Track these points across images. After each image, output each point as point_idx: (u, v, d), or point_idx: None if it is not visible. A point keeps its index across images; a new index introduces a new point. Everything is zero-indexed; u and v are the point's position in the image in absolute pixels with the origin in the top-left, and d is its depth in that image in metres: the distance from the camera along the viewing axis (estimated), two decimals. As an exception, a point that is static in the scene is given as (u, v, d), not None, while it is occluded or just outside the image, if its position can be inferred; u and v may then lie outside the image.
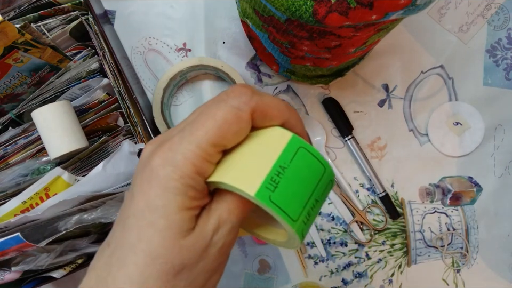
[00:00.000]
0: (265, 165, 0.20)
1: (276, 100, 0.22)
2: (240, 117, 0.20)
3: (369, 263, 0.53)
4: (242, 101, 0.21)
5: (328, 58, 0.43)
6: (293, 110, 0.23)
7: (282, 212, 0.20)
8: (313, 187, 0.21)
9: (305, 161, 0.21)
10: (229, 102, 0.20)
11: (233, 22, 0.52)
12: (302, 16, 0.33)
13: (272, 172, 0.20)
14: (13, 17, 0.42)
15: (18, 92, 0.44)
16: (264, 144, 0.21)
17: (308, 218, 0.21)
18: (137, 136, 0.44)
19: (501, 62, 0.54)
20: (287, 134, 0.21)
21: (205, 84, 0.52)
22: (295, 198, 0.20)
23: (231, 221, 0.21)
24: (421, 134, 0.54)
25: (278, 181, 0.20)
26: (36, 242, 0.35)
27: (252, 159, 0.21)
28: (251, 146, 0.21)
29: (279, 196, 0.20)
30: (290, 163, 0.21)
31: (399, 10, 0.31)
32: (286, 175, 0.20)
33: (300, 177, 0.21)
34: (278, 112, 0.22)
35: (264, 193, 0.19)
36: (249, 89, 0.21)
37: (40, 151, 0.44)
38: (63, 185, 0.41)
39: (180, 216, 0.20)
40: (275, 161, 0.20)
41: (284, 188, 0.20)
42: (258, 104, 0.21)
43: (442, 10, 0.55)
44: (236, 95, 0.21)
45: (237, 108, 0.20)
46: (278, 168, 0.20)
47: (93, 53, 0.44)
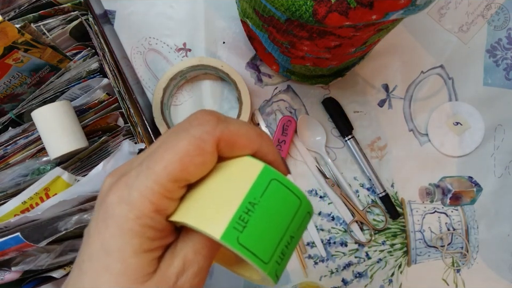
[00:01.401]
0: (232, 201, 0.18)
1: (244, 126, 0.20)
2: (203, 148, 0.18)
3: (369, 263, 0.53)
4: (205, 131, 0.18)
5: (328, 58, 0.43)
6: (264, 136, 0.21)
7: (252, 254, 0.18)
8: (287, 223, 0.19)
9: (278, 195, 0.19)
10: (190, 132, 0.18)
11: (233, 22, 0.52)
12: (302, 16, 0.33)
13: (240, 210, 0.18)
14: (13, 17, 0.42)
15: (18, 92, 0.44)
16: (232, 177, 0.19)
17: (282, 258, 0.19)
18: (137, 136, 0.44)
19: (501, 62, 0.54)
20: (258, 164, 0.19)
21: (205, 84, 0.52)
22: (267, 237, 0.18)
23: (197, 262, 0.19)
24: (421, 134, 0.54)
25: (247, 219, 0.18)
26: (35, 242, 0.35)
27: (218, 195, 0.19)
28: (218, 179, 0.19)
29: (248, 236, 0.18)
30: (261, 198, 0.18)
31: (399, 10, 0.31)
32: (257, 212, 0.18)
33: (272, 214, 0.19)
34: (247, 141, 0.20)
35: (231, 235, 0.17)
36: (213, 116, 0.19)
37: (40, 151, 0.44)
38: (63, 185, 0.41)
39: (137, 260, 0.18)
40: (244, 197, 0.18)
41: (254, 227, 0.18)
42: (224, 133, 0.19)
43: (442, 10, 0.55)
44: (199, 123, 0.19)
45: (199, 138, 0.18)
46: (247, 204, 0.18)
47: (93, 53, 0.44)
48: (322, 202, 0.53)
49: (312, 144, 0.53)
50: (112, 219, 0.18)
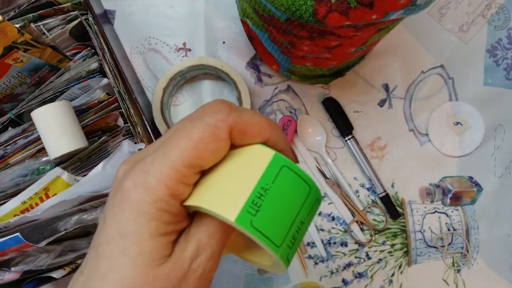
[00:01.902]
0: (245, 187, 0.19)
1: (256, 115, 0.21)
2: (217, 135, 0.19)
3: (369, 263, 0.53)
4: (219, 118, 0.19)
5: (328, 58, 0.43)
6: (275, 125, 0.22)
7: (265, 237, 0.18)
8: (298, 208, 0.20)
9: (289, 181, 0.20)
10: (205, 120, 0.19)
11: (233, 21, 0.52)
12: (302, 16, 0.33)
13: (253, 195, 0.19)
14: (12, 17, 0.42)
15: (18, 92, 0.44)
16: (244, 163, 0.20)
17: (293, 242, 0.20)
18: (137, 136, 0.44)
19: (501, 61, 0.54)
20: (269, 152, 0.20)
21: (204, 84, 0.52)
22: (279, 221, 0.19)
23: (211, 246, 0.20)
24: (421, 134, 0.54)
25: (260, 204, 0.18)
26: (35, 243, 0.35)
27: (231, 181, 0.19)
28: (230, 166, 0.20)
29: (261, 220, 0.18)
30: (273, 184, 0.19)
31: (399, 10, 0.31)
32: (269, 197, 0.19)
33: (283, 199, 0.19)
34: (259, 129, 0.21)
35: (245, 218, 0.18)
36: (226, 105, 0.20)
37: (40, 151, 0.44)
38: (62, 185, 0.41)
39: (153, 243, 0.18)
40: (256, 182, 0.19)
41: (266, 211, 0.19)
42: (237, 121, 0.20)
43: (443, 10, 0.54)
44: (213, 111, 0.20)
45: (214, 125, 0.19)
46: (259, 190, 0.19)
47: (93, 52, 0.44)
48: (323, 203, 0.53)
49: (312, 144, 0.53)
50: (128, 203, 0.18)
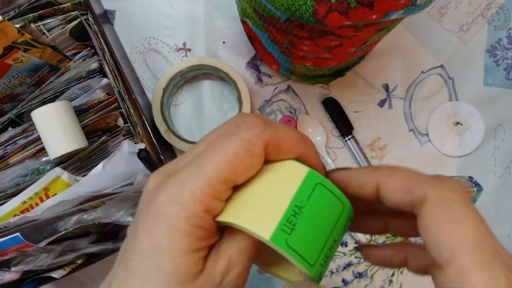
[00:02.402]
0: (280, 204, 0.19)
1: (290, 131, 0.20)
2: (252, 151, 0.19)
3: (369, 263, 0.52)
4: (254, 134, 0.19)
5: (328, 58, 0.43)
6: (307, 140, 0.21)
7: (300, 257, 0.18)
8: (331, 227, 0.19)
9: (323, 199, 0.19)
10: (240, 135, 0.19)
11: (233, 21, 0.52)
12: (302, 16, 0.33)
13: (288, 212, 0.18)
14: (12, 17, 0.42)
15: (18, 92, 0.44)
16: (278, 179, 0.20)
17: (326, 261, 0.19)
18: (137, 136, 0.44)
19: (501, 62, 0.54)
20: (303, 168, 0.20)
21: (204, 84, 0.52)
22: (313, 240, 0.19)
23: (242, 262, 0.19)
24: (421, 134, 0.54)
25: (295, 222, 0.18)
26: (35, 243, 0.35)
27: (265, 197, 0.19)
28: (264, 182, 0.20)
29: (296, 239, 0.18)
30: (307, 202, 0.19)
31: (399, 10, 0.31)
32: (303, 215, 0.19)
33: (317, 217, 0.19)
34: (293, 145, 0.20)
35: (280, 236, 0.18)
36: (261, 119, 0.20)
37: (40, 151, 0.44)
38: (62, 185, 0.41)
39: (186, 260, 0.18)
40: (291, 200, 0.19)
41: (301, 230, 0.18)
42: (272, 136, 0.19)
43: (443, 10, 0.54)
44: (248, 126, 0.19)
45: (249, 141, 0.19)
46: (294, 207, 0.18)
47: (93, 52, 0.44)
48: (323, 203, 0.53)
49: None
50: (162, 218, 0.18)
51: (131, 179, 0.38)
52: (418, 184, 0.19)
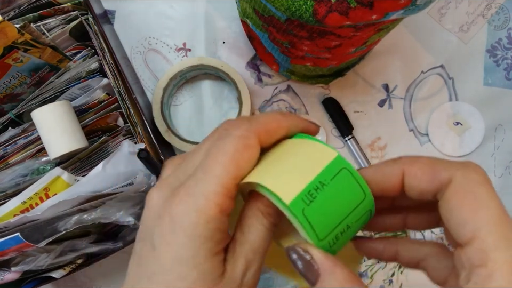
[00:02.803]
0: (305, 176, 0.19)
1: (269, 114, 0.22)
2: (249, 144, 0.20)
3: (369, 263, 0.53)
4: (244, 129, 0.20)
5: (328, 58, 0.43)
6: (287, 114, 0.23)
7: (311, 228, 0.19)
8: (348, 211, 0.20)
9: (346, 184, 0.20)
10: (233, 134, 0.20)
11: (233, 21, 0.52)
12: (302, 16, 0.33)
13: (311, 185, 0.19)
14: (12, 17, 0.42)
15: (18, 92, 0.44)
16: (306, 157, 0.21)
17: (335, 242, 0.20)
18: (137, 136, 0.44)
19: (501, 62, 0.54)
20: (332, 152, 0.21)
21: (204, 84, 0.52)
22: (328, 217, 0.19)
23: (257, 261, 0.21)
24: (421, 134, 0.54)
25: (315, 196, 0.19)
26: (35, 243, 0.35)
27: (292, 169, 0.20)
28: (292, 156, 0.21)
29: (312, 211, 0.19)
30: (331, 181, 0.20)
31: (399, 10, 0.31)
32: (324, 192, 0.19)
33: (337, 198, 0.20)
34: (278, 124, 0.22)
35: (299, 204, 0.19)
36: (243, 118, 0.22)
37: (40, 151, 0.44)
38: (62, 185, 0.41)
39: (209, 265, 0.19)
40: (316, 175, 0.20)
41: (319, 204, 0.19)
42: (259, 126, 0.21)
43: (443, 10, 0.54)
44: (235, 126, 0.21)
45: (243, 136, 0.20)
46: (317, 183, 0.19)
47: (93, 52, 0.44)
48: (323, 203, 0.53)
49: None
50: (181, 229, 0.19)
51: (131, 179, 0.38)
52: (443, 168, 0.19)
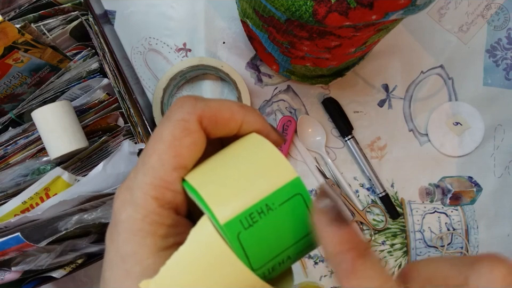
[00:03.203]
0: (251, 195, 0.17)
1: (225, 101, 0.20)
2: (188, 128, 0.18)
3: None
4: (185, 111, 0.18)
5: (328, 59, 0.43)
6: (249, 108, 0.20)
7: (245, 256, 0.17)
8: (292, 242, 0.18)
9: (296, 213, 0.18)
10: (172, 117, 0.18)
11: (233, 22, 0.52)
12: (302, 16, 0.33)
13: (254, 207, 0.17)
14: (13, 17, 0.42)
15: (18, 92, 0.44)
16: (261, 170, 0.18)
17: (270, 272, 0.18)
18: (137, 136, 0.44)
19: (500, 62, 0.54)
20: (291, 172, 0.18)
21: (205, 84, 0.52)
22: (266, 246, 0.17)
23: None
24: (421, 134, 0.54)
25: (257, 220, 0.17)
26: (36, 242, 0.35)
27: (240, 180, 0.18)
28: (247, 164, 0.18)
29: (249, 236, 0.17)
30: (280, 206, 0.17)
31: (399, 10, 0.31)
32: (268, 218, 0.17)
33: (281, 226, 0.17)
34: (230, 114, 0.19)
35: (235, 226, 0.16)
36: (191, 97, 0.19)
37: (40, 151, 0.44)
38: (63, 185, 0.41)
39: (154, 260, 0.17)
40: (264, 197, 0.17)
41: (259, 230, 0.17)
42: (204, 109, 0.19)
43: (442, 10, 0.55)
44: (178, 106, 0.19)
45: (182, 120, 0.18)
46: (263, 205, 0.17)
47: (93, 53, 0.44)
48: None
49: (312, 144, 0.53)
50: (120, 224, 0.18)
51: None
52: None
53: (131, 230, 0.17)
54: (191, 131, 0.18)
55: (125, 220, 0.18)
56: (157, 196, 0.18)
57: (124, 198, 0.18)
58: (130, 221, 0.18)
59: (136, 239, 0.17)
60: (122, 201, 0.18)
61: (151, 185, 0.18)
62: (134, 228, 0.17)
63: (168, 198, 0.18)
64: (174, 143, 0.18)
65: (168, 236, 0.18)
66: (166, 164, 0.18)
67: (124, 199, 0.18)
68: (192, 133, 0.18)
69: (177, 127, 0.18)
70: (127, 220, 0.18)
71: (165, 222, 0.18)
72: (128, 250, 0.18)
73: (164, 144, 0.18)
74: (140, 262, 0.17)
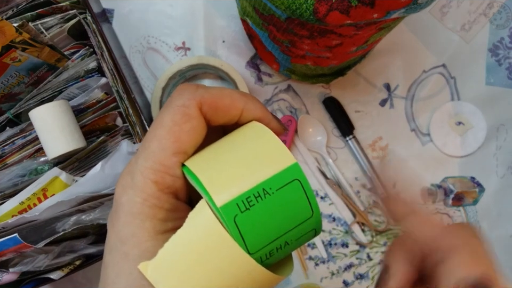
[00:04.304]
0: (248, 179, 0.17)
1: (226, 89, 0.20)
2: (188, 114, 0.18)
3: (370, 264, 0.52)
4: (186, 97, 0.19)
5: (329, 57, 0.43)
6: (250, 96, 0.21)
7: (241, 239, 0.17)
8: (289, 227, 0.18)
9: (294, 198, 0.18)
10: (172, 103, 0.19)
11: (233, 20, 0.51)
12: (303, 15, 0.33)
13: (251, 191, 0.17)
14: (10, 16, 0.41)
15: (15, 92, 0.44)
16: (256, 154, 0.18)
17: (268, 257, 0.18)
18: (135, 136, 0.44)
19: (503, 61, 0.54)
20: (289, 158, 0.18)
21: (204, 83, 0.52)
22: (262, 230, 0.17)
23: None
24: (423, 134, 0.54)
25: (253, 204, 0.17)
26: (33, 243, 0.34)
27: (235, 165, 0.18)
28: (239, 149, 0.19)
29: (245, 219, 0.17)
30: (277, 191, 0.17)
31: (401, 8, 0.31)
32: (265, 201, 0.17)
33: (278, 211, 0.18)
34: (231, 101, 0.20)
35: (232, 209, 0.17)
36: (192, 85, 0.20)
37: (38, 151, 0.44)
38: (61, 185, 0.40)
39: (153, 243, 0.18)
40: (261, 181, 0.17)
41: (255, 214, 0.17)
42: (204, 96, 0.19)
43: (444, 8, 0.54)
44: (178, 93, 0.19)
45: (182, 105, 0.19)
46: (260, 190, 0.17)
47: (91, 52, 0.44)
48: (323, 203, 0.52)
49: (313, 144, 0.52)
50: (121, 208, 0.18)
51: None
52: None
53: (131, 213, 0.18)
54: (191, 117, 0.19)
55: (125, 203, 0.18)
56: (157, 180, 0.18)
57: (124, 182, 0.18)
58: (130, 204, 0.18)
59: (136, 222, 0.18)
60: (123, 186, 0.18)
61: (151, 169, 0.18)
62: (133, 211, 0.18)
63: (167, 182, 0.18)
64: (174, 129, 0.18)
65: (167, 220, 0.18)
66: (166, 149, 0.18)
67: (124, 183, 0.18)
68: (192, 119, 0.19)
69: (177, 113, 0.18)
70: (127, 203, 0.18)
71: (164, 206, 0.18)
72: (127, 232, 0.18)
73: (164, 129, 0.18)
74: (139, 244, 0.18)
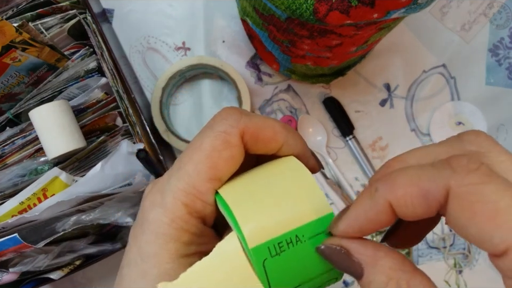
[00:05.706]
0: (283, 223, 0.17)
1: (269, 119, 0.20)
2: (229, 141, 0.18)
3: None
4: (229, 124, 0.18)
5: (329, 57, 0.43)
6: (290, 129, 0.20)
7: (267, 281, 0.17)
8: (314, 276, 0.18)
9: None
10: (215, 128, 0.18)
11: (233, 20, 0.51)
12: (303, 15, 0.33)
13: (284, 237, 0.17)
14: (10, 16, 0.41)
15: (15, 92, 0.44)
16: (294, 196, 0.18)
17: None
18: (135, 136, 0.44)
19: (503, 61, 0.54)
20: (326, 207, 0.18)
21: (204, 83, 0.52)
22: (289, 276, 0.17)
23: None
24: (423, 134, 0.54)
25: (284, 250, 0.17)
26: (33, 243, 0.34)
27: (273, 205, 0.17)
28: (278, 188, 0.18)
29: (274, 265, 0.17)
30: (308, 240, 0.17)
31: (401, 8, 0.31)
32: (296, 249, 0.17)
33: (307, 259, 0.17)
34: (272, 133, 0.19)
35: (262, 252, 0.16)
36: (236, 110, 0.19)
37: (38, 151, 0.44)
38: (61, 185, 0.40)
39: (173, 266, 0.17)
40: (296, 227, 0.17)
41: (285, 260, 0.17)
42: (248, 125, 0.19)
43: (444, 9, 0.54)
44: (222, 118, 0.19)
45: (224, 132, 0.18)
46: (293, 236, 0.17)
47: (91, 52, 0.44)
48: (323, 203, 0.52)
49: (313, 144, 0.52)
50: (147, 224, 0.18)
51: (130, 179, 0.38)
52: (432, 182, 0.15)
53: (156, 232, 0.18)
54: (231, 144, 0.18)
55: (151, 221, 0.18)
56: (188, 203, 0.18)
57: (154, 199, 0.18)
58: (157, 222, 0.18)
59: (159, 241, 0.18)
60: (152, 202, 0.18)
61: (184, 191, 0.18)
62: (159, 231, 0.18)
63: (198, 207, 0.18)
64: (212, 154, 0.18)
65: (191, 244, 0.18)
66: (201, 173, 0.18)
67: (153, 200, 0.18)
68: (232, 147, 0.18)
69: (218, 139, 0.18)
70: (153, 221, 0.18)
71: (190, 229, 0.18)
72: (149, 251, 0.18)
73: (202, 153, 0.18)
74: (159, 265, 0.17)
